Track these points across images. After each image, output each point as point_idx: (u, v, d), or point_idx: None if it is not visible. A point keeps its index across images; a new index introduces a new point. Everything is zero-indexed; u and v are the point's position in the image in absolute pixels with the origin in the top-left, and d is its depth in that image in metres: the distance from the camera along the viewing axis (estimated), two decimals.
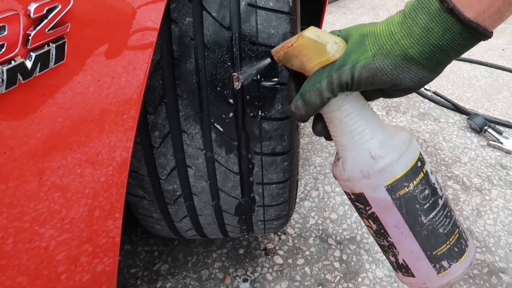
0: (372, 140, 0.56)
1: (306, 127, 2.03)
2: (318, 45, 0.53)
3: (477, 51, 2.92)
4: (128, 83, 0.61)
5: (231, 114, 0.79)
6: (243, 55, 0.76)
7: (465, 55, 2.81)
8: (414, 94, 2.31)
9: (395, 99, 2.26)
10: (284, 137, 0.83)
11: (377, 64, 0.49)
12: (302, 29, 0.63)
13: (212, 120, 0.80)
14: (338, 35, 0.56)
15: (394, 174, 0.54)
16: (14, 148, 0.47)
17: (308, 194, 1.64)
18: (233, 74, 0.76)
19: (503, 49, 2.98)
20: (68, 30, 0.46)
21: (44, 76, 0.46)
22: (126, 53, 0.59)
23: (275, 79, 0.78)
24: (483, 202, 1.64)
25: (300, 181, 1.70)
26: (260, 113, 0.80)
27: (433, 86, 2.40)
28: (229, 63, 0.76)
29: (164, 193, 0.91)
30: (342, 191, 1.68)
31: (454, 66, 2.67)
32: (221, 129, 0.81)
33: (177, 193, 0.90)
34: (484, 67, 2.68)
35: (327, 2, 1.73)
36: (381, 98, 2.32)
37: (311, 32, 0.54)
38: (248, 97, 0.78)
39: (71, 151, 0.55)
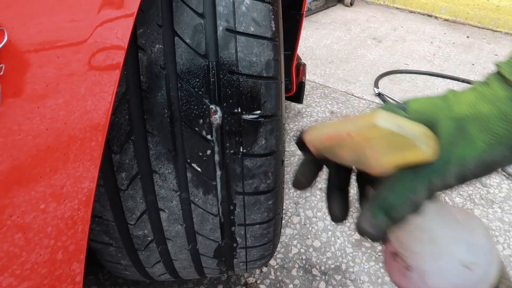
0: (458, 243, 0.45)
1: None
2: (401, 138, 0.37)
3: (449, 66, 2.94)
4: (93, 108, 0.51)
5: (208, 152, 0.70)
6: (221, 86, 0.67)
7: (438, 70, 2.82)
8: None
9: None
10: (269, 174, 0.75)
11: (493, 155, 0.38)
12: (285, 55, 0.55)
13: (187, 159, 0.70)
14: (408, 117, 0.40)
15: (489, 278, 0.44)
16: None
17: (289, 221, 1.55)
18: (210, 107, 0.67)
19: (472, 64, 3.02)
20: (1, 73, 0.36)
21: None
22: (89, 77, 0.49)
23: (258, 111, 0.69)
24: None
25: None
26: (241, 150, 0.71)
27: None
28: (205, 95, 0.67)
29: (134, 239, 0.80)
30: (324, 216, 1.61)
31: (428, 82, 2.68)
32: (198, 169, 0.71)
33: (148, 239, 0.80)
34: (456, 82, 2.70)
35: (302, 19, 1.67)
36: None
37: (386, 119, 0.37)
38: (228, 132, 0.69)
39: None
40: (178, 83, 0.66)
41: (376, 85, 2.52)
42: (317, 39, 3.26)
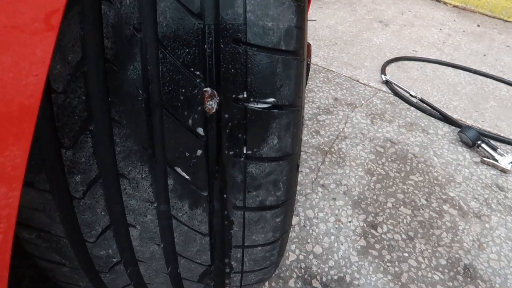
0: None
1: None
2: None
3: (459, 55, 2.75)
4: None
5: (199, 152, 0.50)
6: (221, 60, 0.46)
7: (448, 59, 2.63)
8: (399, 101, 2.09)
9: (380, 106, 2.04)
10: (279, 184, 0.55)
11: None
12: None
13: (168, 160, 0.50)
14: None
15: None
16: None
17: None
18: (204, 89, 0.47)
19: (484, 55, 2.84)
20: None
21: None
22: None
23: (271, 99, 0.49)
24: (484, 231, 1.44)
25: None
26: (245, 151, 0.51)
27: (418, 92, 2.20)
28: (198, 72, 0.46)
29: (94, 260, 0.60)
30: (327, 217, 1.42)
31: (437, 71, 2.48)
32: (183, 174, 0.51)
33: (114, 260, 0.60)
34: (467, 73, 2.51)
35: None
36: (364, 104, 2.08)
37: None
38: (227, 125, 0.49)
39: None
40: (159, 53, 0.45)
41: (383, 71, 2.32)
42: (320, 18, 3.03)
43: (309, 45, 1.72)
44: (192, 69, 0.46)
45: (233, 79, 0.47)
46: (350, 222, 1.40)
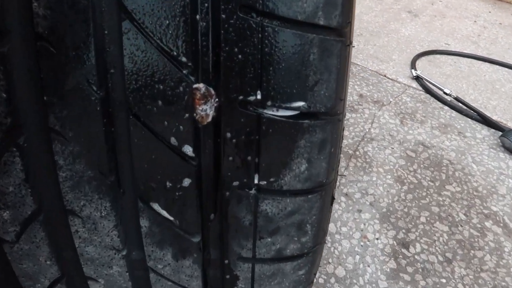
0: None
1: None
2: None
3: (496, 49, 2.52)
4: None
5: (186, 181, 0.33)
6: (223, 38, 0.29)
7: (485, 54, 2.40)
8: (432, 99, 1.89)
9: (410, 104, 1.84)
10: (306, 227, 0.37)
11: None
12: None
13: (140, 192, 0.33)
14: None
15: None
16: None
17: None
18: (195, 86, 0.29)
19: None
20: None
21: None
22: None
23: (299, 103, 0.31)
24: None
25: None
26: (257, 180, 0.33)
27: (452, 89, 1.98)
28: (184, 58, 0.29)
29: None
30: (351, 232, 1.24)
31: (473, 66, 2.26)
32: (162, 212, 0.34)
33: None
34: (506, 69, 2.28)
35: None
36: (393, 102, 1.88)
37: None
38: (231, 142, 0.32)
39: None
40: (122, 26, 0.28)
41: (413, 66, 2.11)
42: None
43: None
44: (175, 53, 0.29)
45: (240, 70, 0.29)
46: (377, 239, 1.21)
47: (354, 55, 2.20)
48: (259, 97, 0.30)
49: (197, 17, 0.28)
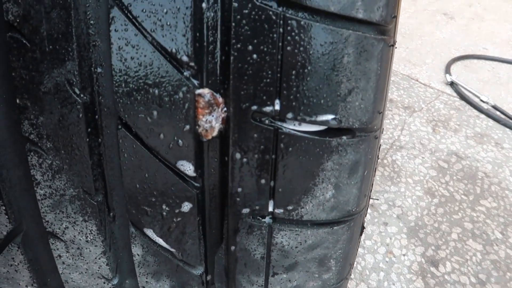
0: None
1: None
2: None
3: None
4: None
5: (186, 206, 0.27)
6: (233, 33, 0.23)
7: None
8: (467, 107, 1.78)
9: (443, 111, 1.74)
10: (330, 262, 0.31)
11: None
12: None
13: (132, 216, 0.28)
14: None
15: None
16: None
17: None
18: (198, 92, 0.23)
19: None
20: None
21: None
22: None
23: (328, 116, 0.25)
24: None
25: None
26: (272, 208, 0.27)
27: (490, 97, 1.87)
28: (186, 58, 0.23)
29: None
30: (375, 247, 1.16)
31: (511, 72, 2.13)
32: (158, 240, 0.28)
33: None
34: None
35: None
36: (425, 108, 1.78)
37: None
38: (241, 161, 0.26)
39: None
40: (110, 15, 0.22)
41: (447, 71, 2.01)
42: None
43: None
44: (174, 49, 0.23)
45: (254, 74, 0.23)
46: (404, 255, 1.14)
47: None
48: (277, 107, 0.24)
49: (203, 5, 0.23)
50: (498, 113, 1.82)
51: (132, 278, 0.32)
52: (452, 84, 1.97)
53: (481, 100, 1.87)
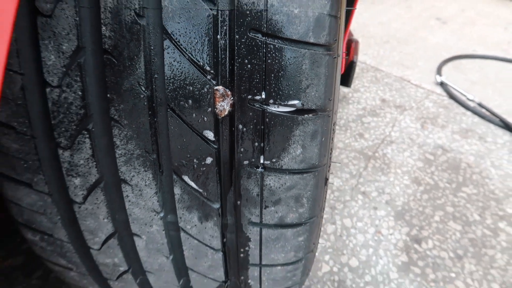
0: None
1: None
2: None
3: None
4: None
5: (209, 159, 0.44)
6: (236, 54, 0.39)
7: None
8: (455, 105, 1.93)
9: (432, 109, 1.89)
10: (302, 200, 0.47)
11: None
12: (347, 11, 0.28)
13: (174, 167, 0.44)
14: None
15: None
16: None
17: (322, 229, 1.28)
18: (216, 88, 0.40)
19: None
20: None
21: None
22: None
23: (295, 101, 0.42)
24: None
25: None
26: (262, 160, 0.44)
27: (477, 95, 2.01)
28: (208, 67, 0.40)
29: (100, 267, 0.56)
30: (366, 227, 1.32)
31: (500, 73, 2.27)
32: (191, 183, 0.45)
33: (121, 269, 0.55)
34: None
35: None
36: (415, 107, 1.93)
37: None
38: (242, 131, 0.42)
39: None
40: (163, 44, 0.39)
41: (438, 72, 2.15)
42: (371, 15, 2.88)
43: (356, 42, 1.61)
44: (201, 63, 0.39)
45: (249, 76, 0.40)
46: (391, 234, 1.29)
47: (378, 62, 2.26)
48: (263, 96, 0.41)
49: (218, 37, 0.39)
50: (483, 110, 1.95)
51: (172, 212, 0.48)
52: (442, 84, 2.12)
53: (468, 99, 2.00)
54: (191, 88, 0.40)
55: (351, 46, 1.53)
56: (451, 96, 2.00)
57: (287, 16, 0.39)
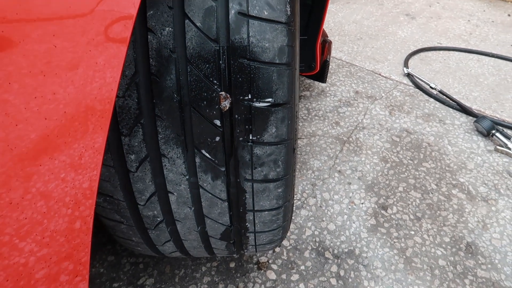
0: None
1: (303, 132, 1.93)
2: None
3: (485, 46, 2.79)
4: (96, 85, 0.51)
5: (217, 138, 0.69)
6: (232, 72, 0.65)
7: (474, 47, 2.68)
8: (419, 93, 2.20)
9: (399, 98, 2.16)
10: (278, 162, 0.73)
11: None
12: (310, 31, 0.53)
13: (195, 144, 0.70)
14: None
15: None
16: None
17: (305, 202, 1.54)
18: (220, 93, 0.66)
19: (511, 45, 2.86)
20: None
21: None
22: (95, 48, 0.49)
23: (269, 99, 0.67)
24: (489, 213, 1.55)
25: (297, 186, 1.61)
26: (251, 137, 0.69)
27: (439, 84, 2.29)
28: (215, 81, 0.65)
29: (144, 219, 0.81)
30: (341, 199, 1.59)
31: (461, 63, 2.55)
32: (206, 154, 0.71)
33: (158, 219, 0.81)
34: (492, 64, 2.56)
35: None
36: (384, 96, 2.20)
37: None
38: (237, 119, 0.68)
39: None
40: (187, 68, 0.65)
41: (405, 64, 2.43)
42: (346, 14, 3.14)
43: (330, 43, 1.87)
44: (211, 78, 0.65)
45: (240, 85, 0.66)
46: (362, 203, 1.55)
47: (353, 57, 2.53)
48: (250, 97, 0.66)
49: (220, 62, 0.65)
50: (444, 96, 2.22)
51: (194, 175, 0.74)
52: (408, 75, 2.38)
53: (431, 87, 2.28)
54: (204, 94, 0.66)
55: (325, 46, 1.79)
56: (416, 86, 2.27)
57: (261, 48, 0.64)
